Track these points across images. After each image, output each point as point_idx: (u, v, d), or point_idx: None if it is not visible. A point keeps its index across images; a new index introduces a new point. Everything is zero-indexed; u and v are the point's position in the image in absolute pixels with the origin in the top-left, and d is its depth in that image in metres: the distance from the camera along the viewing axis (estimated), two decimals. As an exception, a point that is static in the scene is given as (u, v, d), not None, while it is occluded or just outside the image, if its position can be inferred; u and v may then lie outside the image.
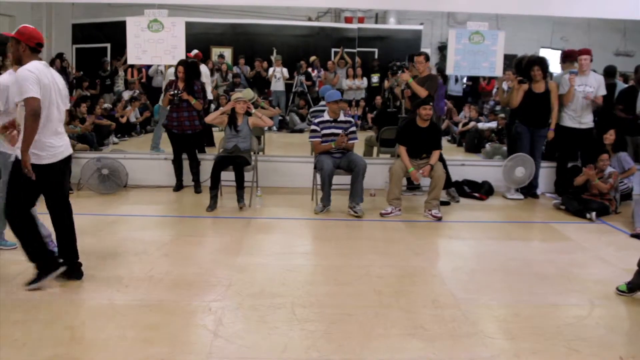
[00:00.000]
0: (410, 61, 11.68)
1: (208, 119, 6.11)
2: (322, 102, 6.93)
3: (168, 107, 6.49)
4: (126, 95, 10.71)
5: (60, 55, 10.43)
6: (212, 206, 5.67)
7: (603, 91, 6.39)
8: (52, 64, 9.66)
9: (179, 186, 6.56)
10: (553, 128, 6.44)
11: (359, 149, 7.31)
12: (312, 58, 12.25)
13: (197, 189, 6.50)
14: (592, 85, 6.35)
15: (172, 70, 8.33)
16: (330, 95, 5.80)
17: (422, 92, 6.13)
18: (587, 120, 6.47)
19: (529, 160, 6.36)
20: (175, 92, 6.29)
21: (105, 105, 9.76)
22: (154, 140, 8.15)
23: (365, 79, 12.13)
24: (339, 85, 11.48)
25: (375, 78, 12.23)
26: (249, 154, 5.96)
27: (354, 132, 5.82)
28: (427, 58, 6.56)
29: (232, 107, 5.95)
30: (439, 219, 5.52)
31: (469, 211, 5.99)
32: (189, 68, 6.40)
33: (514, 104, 6.53)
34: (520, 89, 6.42)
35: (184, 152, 6.53)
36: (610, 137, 6.20)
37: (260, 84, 11.94)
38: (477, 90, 11.55)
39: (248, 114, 5.98)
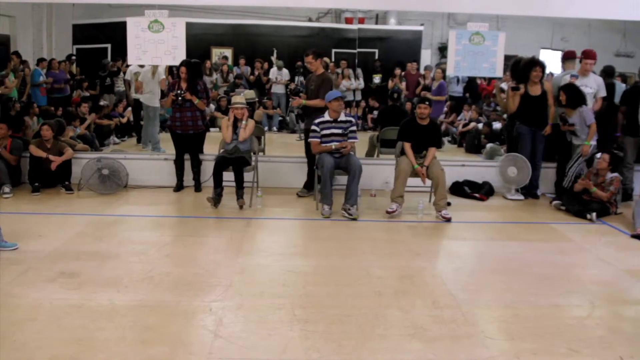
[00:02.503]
0: (405, 66, 11.63)
1: (227, 138, 5.90)
2: None
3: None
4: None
5: (69, 57, 10.80)
6: (216, 200, 5.68)
7: (603, 93, 6.40)
8: (50, 62, 9.72)
9: (179, 186, 6.56)
10: (551, 123, 6.45)
11: (362, 147, 7.31)
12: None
13: (198, 188, 6.52)
14: (591, 86, 6.37)
15: (132, 68, 8.76)
16: (330, 95, 5.70)
17: (320, 104, 5.97)
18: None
19: (521, 160, 6.36)
20: (178, 92, 6.29)
21: (103, 102, 9.76)
22: (146, 137, 8.36)
23: (361, 79, 12.13)
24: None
25: (377, 79, 12.21)
26: (249, 155, 5.96)
27: (353, 131, 5.79)
28: (317, 55, 6.12)
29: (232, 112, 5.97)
30: (449, 219, 5.50)
31: (469, 212, 5.98)
32: (191, 68, 6.39)
33: (511, 109, 6.55)
34: (516, 95, 6.43)
35: (186, 152, 6.54)
36: (562, 97, 6.11)
37: (261, 85, 11.96)
38: (476, 90, 11.54)
39: (252, 112, 5.97)
